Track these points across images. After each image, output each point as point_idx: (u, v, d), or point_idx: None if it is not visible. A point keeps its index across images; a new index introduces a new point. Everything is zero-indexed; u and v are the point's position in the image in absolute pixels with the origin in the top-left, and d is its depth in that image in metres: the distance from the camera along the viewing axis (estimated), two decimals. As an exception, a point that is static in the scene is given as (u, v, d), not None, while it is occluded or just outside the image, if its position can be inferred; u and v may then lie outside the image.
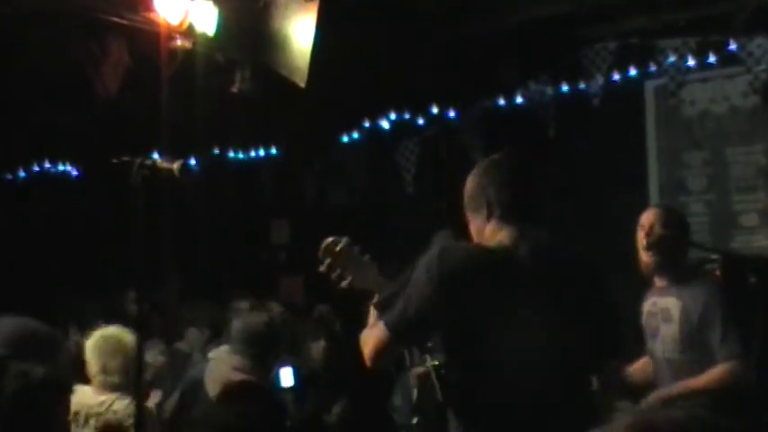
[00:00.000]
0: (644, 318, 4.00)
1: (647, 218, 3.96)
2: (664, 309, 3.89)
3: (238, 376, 3.85)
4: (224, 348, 4.31)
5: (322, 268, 2.81)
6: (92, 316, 6.39)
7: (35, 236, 8.10)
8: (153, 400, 4.18)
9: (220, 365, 3.96)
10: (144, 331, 3.28)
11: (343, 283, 2.80)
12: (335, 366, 5.69)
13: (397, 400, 5.23)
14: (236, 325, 4.06)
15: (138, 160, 2.58)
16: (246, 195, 8.38)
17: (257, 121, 7.60)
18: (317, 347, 5.92)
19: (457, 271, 2.51)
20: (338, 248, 2.80)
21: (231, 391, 3.82)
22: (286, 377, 4.87)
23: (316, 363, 5.82)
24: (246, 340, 3.94)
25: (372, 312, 2.75)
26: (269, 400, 4.00)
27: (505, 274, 2.53)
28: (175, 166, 2.60)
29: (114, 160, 2.63)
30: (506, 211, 2.58)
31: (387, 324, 2.56)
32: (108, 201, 6.52)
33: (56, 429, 2.61)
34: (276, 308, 5.54)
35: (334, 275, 2.81)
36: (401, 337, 2.59)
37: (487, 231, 2.61)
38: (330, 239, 2.84)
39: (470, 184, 2.67)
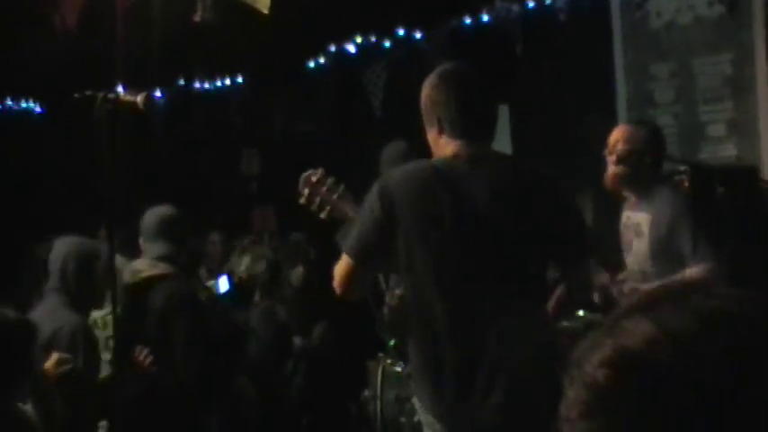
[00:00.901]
0: (621, 230, 4.06)
1: (614, 134, 3.98)
2: (636, 223, 3.95)
3: (140, 275, 3.73)
4: None
5: (302, 200, 2.91)
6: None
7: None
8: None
9: (125, 275, 3.78)
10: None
11: (322, 214, 2.90)
12: (314, 290, 5.74)
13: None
14: (149, 219, 3.89)
15: (101, 94, 2.54)
16: (214, 126, 8.30)
17: (222, 49, 7.49)
18: (296, 273, 5.95)
19: (398, 187, 2.62)
20: (315, 180, 2.90)
21: (137, 292, 3.71)
22: (223, 284, 5.33)
23: (294, 288, 5.88)
24: (159, 230, 3.82)
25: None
26: (180, 285, 3.78)
27: (444, 188, 2.61)
28: (139, 98, 2.57)
29: (76, 95, 2.58)
30: (455, 127, 2.69)
31: (347, 252, 2.67)
32: (73, 137, 6.43)
33: (27, 368, 2.65)
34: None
35: (313, 207, 2.91)
36: (362, 262, 2.68)
37: (440, 143, 2.72)
38: (307, 172, 2.93)
39: (423, 97, 2.77)
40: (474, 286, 2.59)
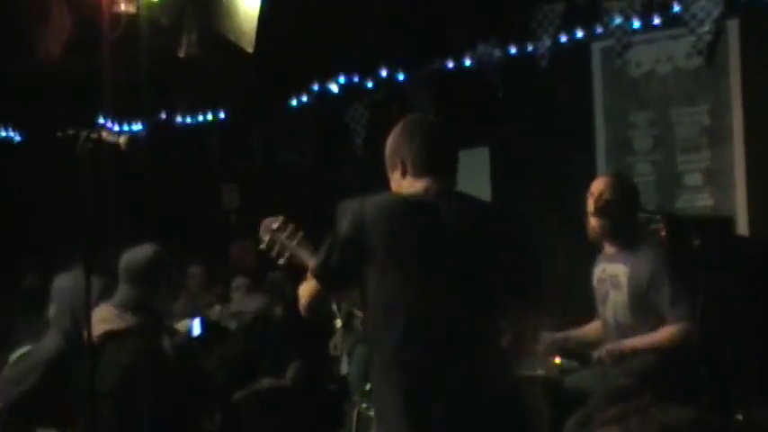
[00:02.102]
0: (595, 283, 4.09)
1: (597, 185, 4.03)
2: (612, 275, 3.98)
3: (100, 328, 3.54)
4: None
5: (262, 246, 3.03)
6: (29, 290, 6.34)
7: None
8: None
9: (92, 321, 3.55)
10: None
11: (281, 260, 3.01)
12: (289, 331, 5.73)
13: (348, 369, 5.31)
14: (122, 261, 3.75)
15: (84, 133, 2.54)
16: (195, 159, 8.30)
17: (205, 84, 7.52)
18: (276, 311, 5.95)
19: (372, 215, 2.67)
20: (275, 226, 3.02)
21: (96, 345, 3.47)
22: (196, 328, 5.25)
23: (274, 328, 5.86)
24: (129, 276, 3.69)
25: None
26: (136, 344, 3.62)
27: (416, 219, 2.72)
28: (122, 139, 2.58)
29: (59, 133, 2.59)
30: (418, 167, 2.78)
31: (313, 272, 2.75)
32: (53, 168, 6.41)
33: None
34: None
35: (273, 253, 3.02)
36: (326, 282, 2.76)
37: (404, 185, 2.81)
38: (268, 219, 3.05)
39: (388, 144, 2.87)
40: (439, 316, 2.66)
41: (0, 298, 6.66)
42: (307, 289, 2.79)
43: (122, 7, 5.35)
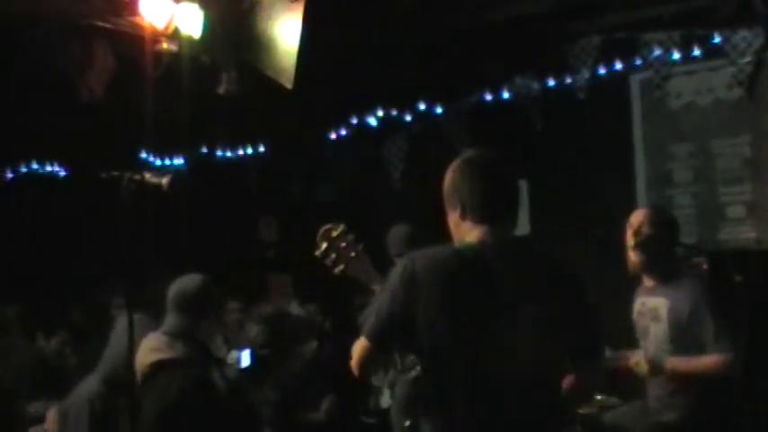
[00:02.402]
0: (635, 316, 4.06)
1: (636, 218, 4.01)
2: (652, 309, 3.95)
3: (151, 357, 3.64)
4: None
5: (317, 252, 2.92)
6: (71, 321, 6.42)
7: (22, 237, 8.09)
8: None
9: (142, 349, 3.70)
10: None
11: (337, 270, 2.91)
12: (324, 365, 5.73)
13: (390, 402, 5.28)
14: (171, 290, 3.82)
15: (128, 175, 2.58)
16: (234, 193, 8.38)
17: (244, 119, 7.60)
18: (309, 347, 5.95)
19: (424, 274, 2.57)
20: (335, 234, 2.92)
21: (146, 375, 3.61)
22: (245, 359, 5.26)
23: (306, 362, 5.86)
24: (178, 304, 3.74)
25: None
26: (187, 374, 3.65)
27: (470, 276, 2.60)
28: (164, 181, 2.62)
29: (103, 174, 2.64)
30: (477, 213, 2.67)
31: (366, 334, 2.65)
32: (96, 205, 6.51)
33: None
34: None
35: (328, 261, 2.92)
36: (379, 345, 2.66)
37: (463, 229, 2.70)
38: (328, 225, 2.96)
39: (446, 181, 2.76)
40: (497, 376, 2.57)
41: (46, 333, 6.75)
42: (360, 349, 2.68)
43: (164, 45, 5.44)
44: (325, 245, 2.92)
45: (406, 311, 2.58)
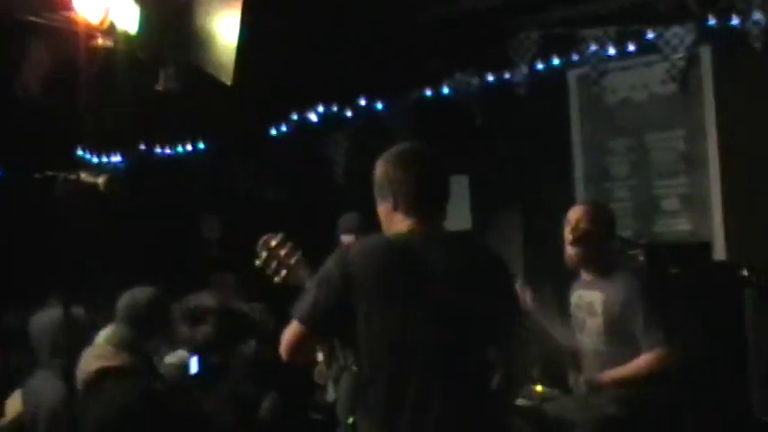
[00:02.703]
0: (572, 310, 4.12)
1: (574, 213, 4.07)
2: (589, 302, 4.02)
3: (95, 364, 3.62)
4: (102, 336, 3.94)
5: (258, 262, 2.97)
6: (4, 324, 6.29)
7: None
8: None
9: (85, 357, 3.69)
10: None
11: (278, 278, 2.95)
12: (267, 363, 5.69)
13: (335, 396, 5.28)
14: (121, 300, 3.81)
15: (62, 175, 2.54)
16: (175, 191, 8.29)
17: (184, 115, 7.52)
18: (249, 346, 5.91)
19: (357, 260, 2.65)
20: (274, 243, 2.96)
21: (89, 382, 3.59)
22: (193, 365, 5.08)
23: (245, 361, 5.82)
24: (127, 316, 3.72)
25: None
26: (133, 383, 3.63)
27: (401, 263, 2.66)
28: (101, 180, 2.58)
29: (37, 174, 2.59)
30: (409, 204, 2.75)
31: (298, 318, 2.69)
32: (32, 207, 6.39)
33: None
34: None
35: (269, 270, 2.96)
36: (312, 329, 2.69)
37: (395, 220, 2.77)
38: (267, 235, 2.99)
39: (378, 173, 2.82)
40: (427, 363, 2.62)
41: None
42: (291, 332, 2.71)
43: (100, 41, 5.35)
44: (265, 254, 2.96)
45: (339, 297, 2.64)
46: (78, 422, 3.41)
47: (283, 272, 2.93)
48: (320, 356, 3.89)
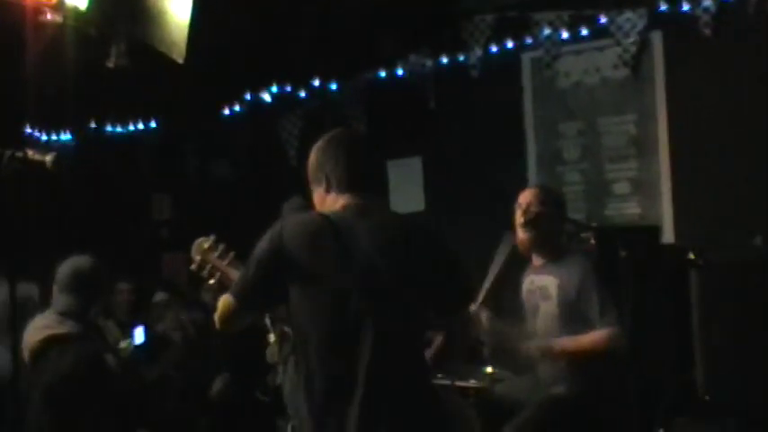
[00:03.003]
0: (524, 295, 4.15)
1: (524, 197, 4.09)
2: (542, 287, 4.05)
3: (42, 334, 3.62)
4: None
5: (193, 267, 3.09)
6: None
7: None
8: None
9: (29, 329, 3.71)
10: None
11: (211, 281, 3.07)
12: (216, 342, 5.68)
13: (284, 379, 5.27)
14: (62, 269, 3.82)
15: (9, 152, 2.50)
16: (126, 170, 8.18)
17: (135, 93, 7.41)
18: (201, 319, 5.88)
19: (290, 235, 2.71)
20: (207, 246, 3.07)
21: (36, 351, 3.61)
22: (139, 336, 5.15)
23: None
24: (69, 284, 3.73)
25: None
26: (79, 349, 3.66)
27: (333, 237, 2.71)
28: (48, 158, 2.54)
29: (-19, 152, 2.54)
30: (343, 184, 2.82)
31: (231, 291, 2.79)
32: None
33: None
34: None
35: (204, 273, 3.07)
36: (242, 303, 2.79)
37: (328, 201, 2.85)
38: (200, 239, 3.10)
39: (311, 160, 2.90)
40: (360, 333, 2.66)
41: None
42: (224, 303, 2.81)
43: (48, 16, 5.24)
44: (198, 258, 3.06)
45: (269, 274, 2.71)
46: (28, 393, 3.40)
47: (217, 274, 3.03)
48: (272, 337, 3.88)
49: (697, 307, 4.67)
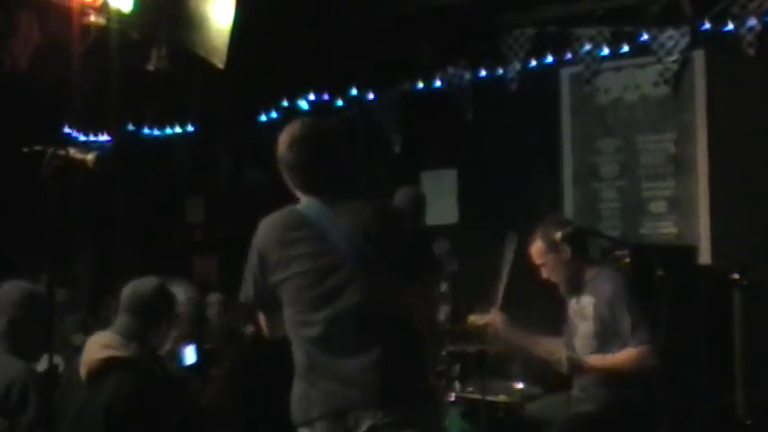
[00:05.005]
0: (569, 316, 4.14)
1: (532, 252, 4.10)
2: (582, 307, 4.03)
3: (104, 353, 3.63)
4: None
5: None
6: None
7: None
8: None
9: (90, 345, 3.72)
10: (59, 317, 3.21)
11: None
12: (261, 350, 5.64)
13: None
14: (125, 291, 3.82)
15: (51, 150, 2.52)
16: (161, 173, 8.24)
17: (174, 97, 7.47)
18: (248, 331, 5.84)
19: (265, 234, 2.91)
20: None
21: (95, 371, 3.61)
22: (189, 355, 4.93)
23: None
24: (132, 306, 3.74)
25: None
26: (139, 374, 3.66)
27: (300, 228, 2.86)
28: (89, 156, 2.56)
29: (25, 149, 2.56)
30: (301, 189, 2.98)
31: (246, 301, 2.96)
32: (20, 182, 6.33)
33: None
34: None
35: None
36: (256, 306, 2.95)
37: (297, 195, 3.01)
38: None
39: (277, 152, 3.04)
40: (335, 318, 2.78)
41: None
42: (258, 319, 3.01)
43: (92, 18, 5.31)
44: None
45: (258, 272, 2.87)
46: (80, 408, 3.44)
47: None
48: None
49: (739, 328, 4.60)
